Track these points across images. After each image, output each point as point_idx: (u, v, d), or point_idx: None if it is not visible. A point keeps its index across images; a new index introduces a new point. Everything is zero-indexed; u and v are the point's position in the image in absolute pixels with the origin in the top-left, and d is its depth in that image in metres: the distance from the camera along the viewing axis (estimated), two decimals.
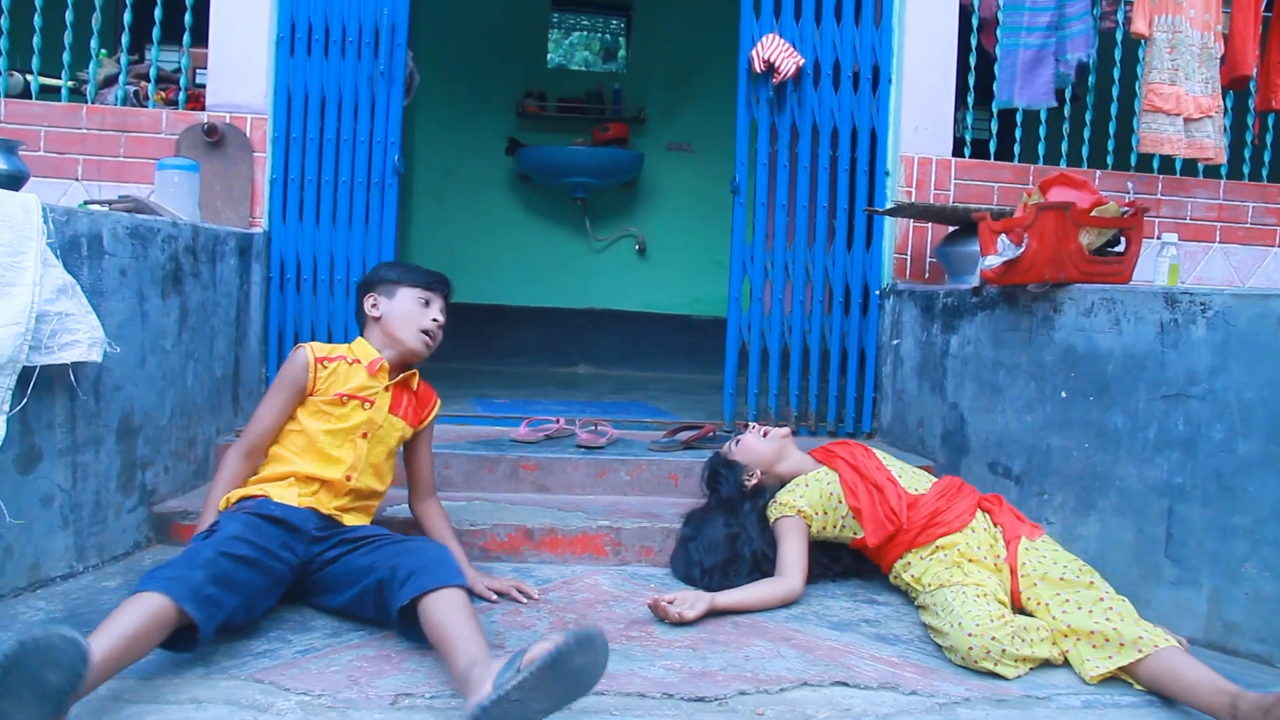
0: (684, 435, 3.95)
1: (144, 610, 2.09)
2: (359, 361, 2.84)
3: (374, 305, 2.89)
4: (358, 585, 2.53)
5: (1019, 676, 2.44)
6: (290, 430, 2.79)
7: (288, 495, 2.66)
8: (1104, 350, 3.01)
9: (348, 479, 2.74)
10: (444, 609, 2.27)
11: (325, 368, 2.80)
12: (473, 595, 2.48)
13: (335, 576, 2.60)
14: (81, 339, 2.60)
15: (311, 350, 2.81)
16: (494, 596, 2.83)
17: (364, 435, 2.78)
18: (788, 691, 2.29)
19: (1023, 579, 2.69)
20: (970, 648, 2.45)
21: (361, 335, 2.92)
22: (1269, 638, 2.60)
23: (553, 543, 3.17)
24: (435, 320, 2.89)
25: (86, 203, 3.39)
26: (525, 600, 2.83)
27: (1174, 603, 2.79)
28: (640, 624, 2.69)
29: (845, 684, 2.34)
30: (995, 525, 2.89)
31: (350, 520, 2.77)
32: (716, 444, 3.92)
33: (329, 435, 2.75)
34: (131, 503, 3.03)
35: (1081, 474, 3.03)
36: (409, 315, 2.86)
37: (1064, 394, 3.10)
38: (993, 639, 2.44)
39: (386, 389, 2.84)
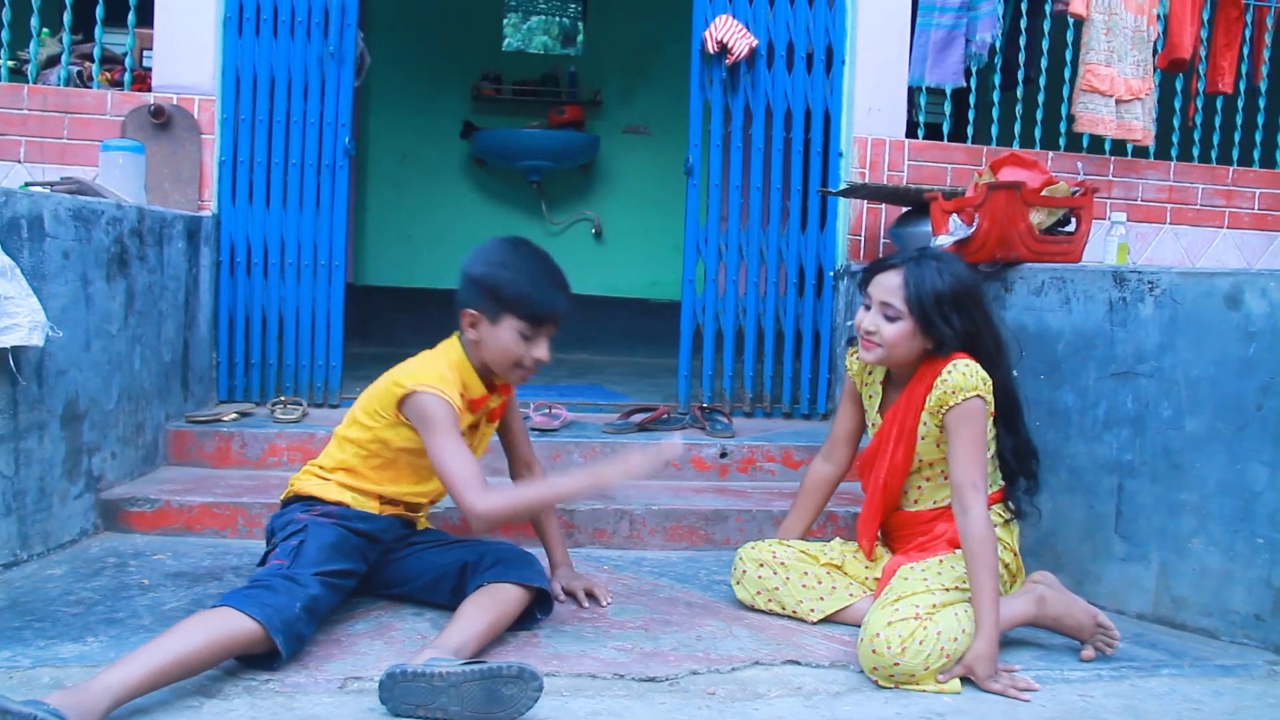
0: (638, 417, 3.95)
1: (223, 626, 2.04)
2: (465, 392, 2.49)
3: (473, 325, 2.47)
4: (436, 571, 2.53)
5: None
6: (377, 453, 2.52)
7: (368, 505, 2.54)
8: (1054, 329, 3.03)
9: (431, 501, 2.69)
10: (485, 600, 2.33)
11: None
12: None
13: (408, 569, 2.58)
14: (22, 323, 2.55)
15: (453, 404, 2.39)
16: (561, 596, 2.68)
17: None
18: (739, 671, 2.29)
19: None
20: None
21: (459, 340, 2.55)
22: (1215, 611, 2.63)
23: (505, 526, 3.16)
24: (537, 359, 2.46)
25: (28, 184, 3.33)
26: (587, 605, 2.67)
27: (1123, 578, 2.82)
28: (593, 604, 2.68)
29: (797, 662, 2.34)
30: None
31: (423, 520, 2.75)
32: (671, 426, 3.93)
33: (425, 468, 2.50)
34: (77, 489, 2.98)
35: None
36: (508, 350, 2.44)
37: (1015, 373, 3.10)
38: None
39: (487, 415, 2.63)
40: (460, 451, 2.33)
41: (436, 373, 2.45)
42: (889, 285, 2.52)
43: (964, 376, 2.46)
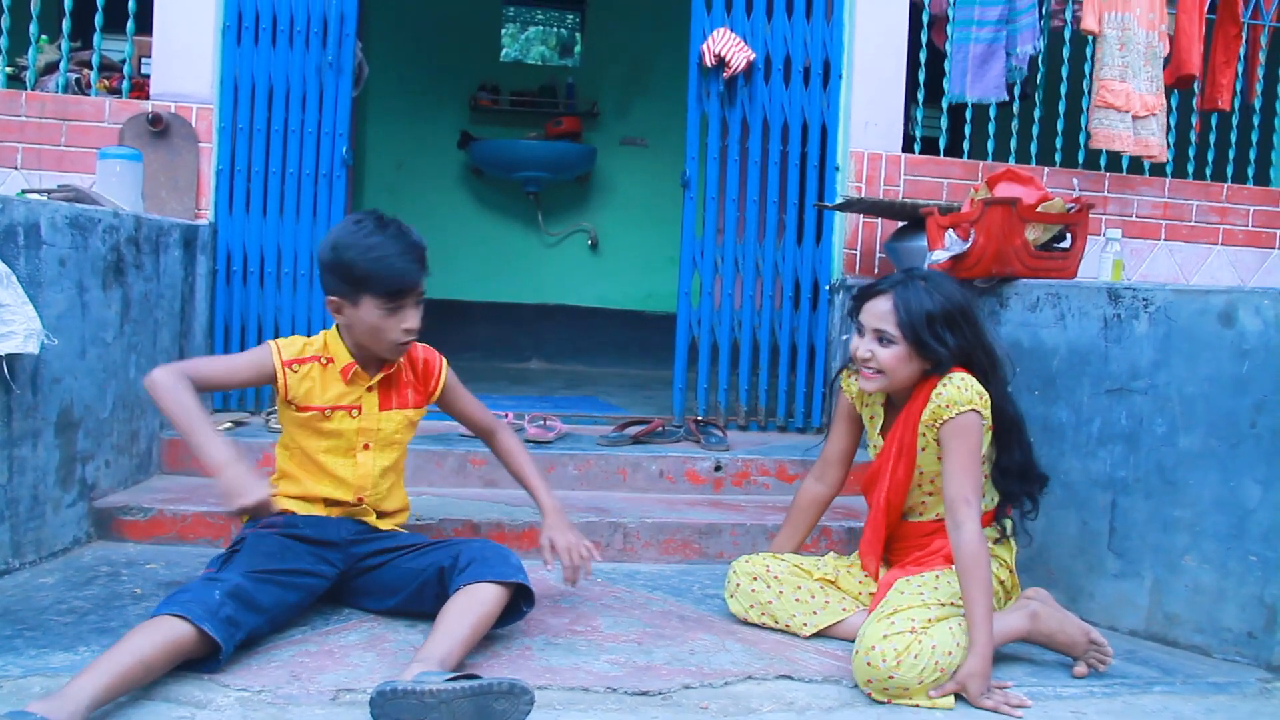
0: (633, 430, 3.94)
1: (160, 633, 2.05)
2: (333, 361, 2.57)
3: (338, 310, 2.52)
4: (416, 581, 2.52)
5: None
6: (293, 449, 2.60)
7: (314, 509, 2.58)
8: (1049, 345, 3.03)
9: (359, 501, 2.62)
10: (465, 603, 2.31)
11: (295, 372, 2.54)
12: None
13: (386, 579, 2.57)
14: (17, 330, 2.55)
15: (278, 353, 2.55)
16: (549, 556, 2.65)
17: (365, 447, 2.61)
18: (732, 685, 2.29)
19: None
20: None
21: (336, 325, 2.60)
22: (1207, 628, 2.64)
23: (499, 537, 3.15)
24: (407, 328, 2.51)
25: (25, 191, 3.33)
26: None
27: (1117, 595, 2.82)
28: (585, 618, 2.68)
29: (789, 677, 2.34)
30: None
31: (386, 524, 2.71)
32: (665, 439, 3.93)
33: (328, 454, 2.58)
34: (71, 498, 2.97)
35: None
36: (376, 328, 2.49)
37: (1009, 388, 3.11)
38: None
39: (370, 389, 2.61)
40: (218, 359, 2.70)
41: (295, 338, 2.64)
42: (879, 311, 2.52)
43: (958, 390, 2.46)
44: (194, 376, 2.49)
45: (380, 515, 2.69)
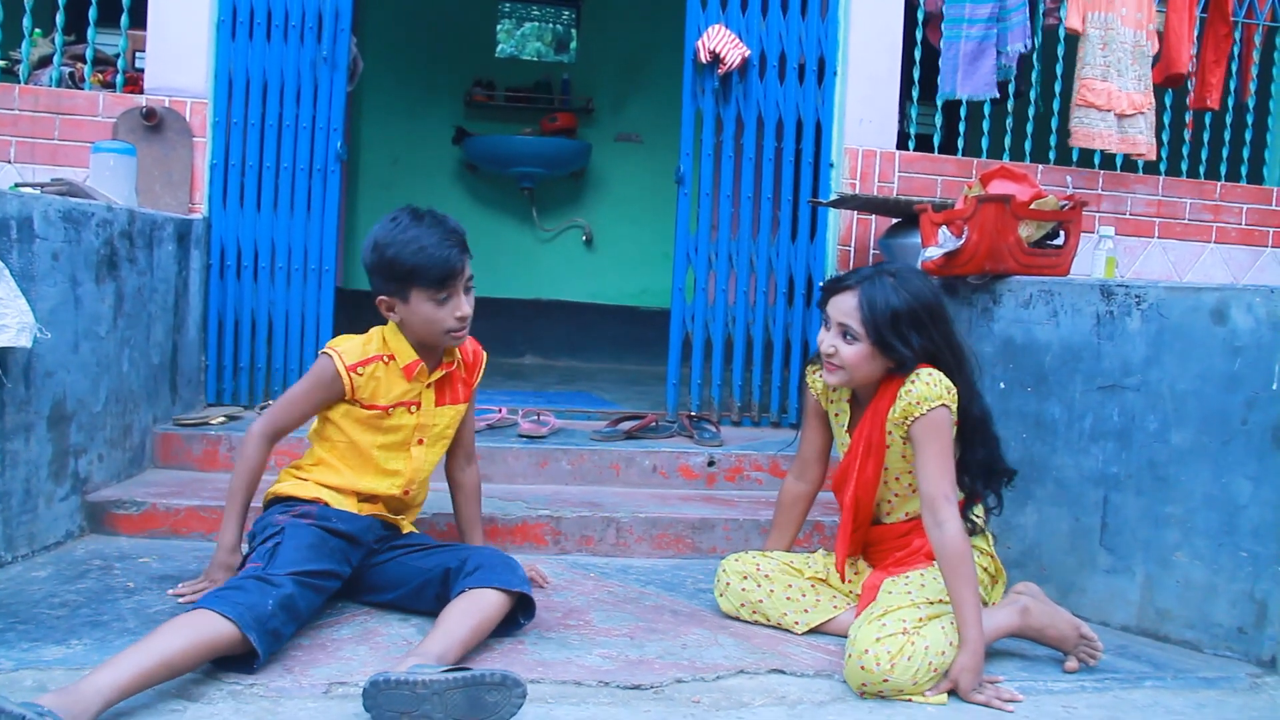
0: (626, 425, 3.94)
1: (198, 629, 2.05)
2: (394, 359, 2.59)
3: (390, 309, 2.55)
4: (419, 579, 2.54)
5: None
6: (338, 441, 2.61)
7: (347, 504, 2.58)
8: (1042, 341, 3.04)
9: (406, 494, 2.66)
10: (468, 605, 2.32)
11: (361, 374, 2.55)
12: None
13: (389, 575, 2.59)
14: (10, 324, 2.54)
15: (340, 360, 2.54)
16: None
17: (419, 441, 2.66)
18: (724, 679, 2.29)
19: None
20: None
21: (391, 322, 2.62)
22: (1198, 624, 2.65)
23: (492, 532, 3.15)
24: (460, 315, 2.53)
25: (18, 185, 3.33)
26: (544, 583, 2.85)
27: (1108, 590, 2.83)
28: (578, 612, 2.68)
29: (782, 671, 2.35)
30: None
31: (406, 524, 2.74)
32: (659, 434, 3.94)
33: (383, 449, 2.61)
34: (63, 491, 2.97)
35: (1019, 464, 3.03)
36: (430, 320, 2.51)
37: (1002, 385, 3.13)
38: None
39: (429, 386, 2.64)
40: (287, 397, 2.61)
41: (348, 338, 2.62)
42: (845, 306, 2.49)
43: (928, 386, 2.43)
44: (279, 430, 2.61)
45: (413, 506, 2.76)
